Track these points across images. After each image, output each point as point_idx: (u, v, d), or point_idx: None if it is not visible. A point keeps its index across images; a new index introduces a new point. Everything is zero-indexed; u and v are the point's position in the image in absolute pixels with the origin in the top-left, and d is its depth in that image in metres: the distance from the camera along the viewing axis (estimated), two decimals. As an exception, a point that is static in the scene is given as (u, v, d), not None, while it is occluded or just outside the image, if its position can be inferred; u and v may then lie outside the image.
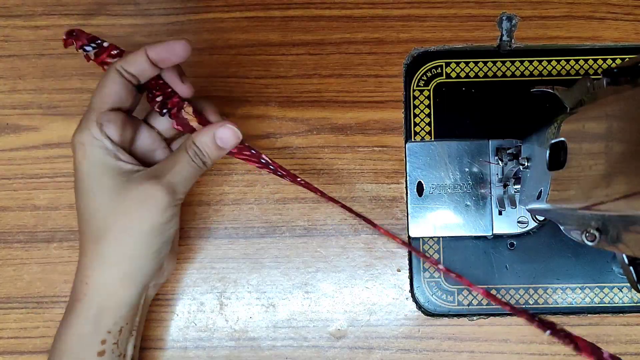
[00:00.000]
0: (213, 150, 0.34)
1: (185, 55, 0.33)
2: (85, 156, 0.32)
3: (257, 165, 0.35)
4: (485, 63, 0.42)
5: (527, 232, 0.41)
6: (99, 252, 0.33)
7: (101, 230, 0.33)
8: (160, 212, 0.32)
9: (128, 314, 0.34)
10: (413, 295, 0.41)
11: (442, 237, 0.41)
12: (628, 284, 0.39)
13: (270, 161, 0.35)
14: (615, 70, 0.27)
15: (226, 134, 0.34)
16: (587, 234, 0.27)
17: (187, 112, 0.34)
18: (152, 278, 0.35)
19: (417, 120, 0.42)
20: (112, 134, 0.33)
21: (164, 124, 0.36)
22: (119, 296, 0.34)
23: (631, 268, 0.27)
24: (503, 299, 0.30)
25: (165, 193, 0.32)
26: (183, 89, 0.35)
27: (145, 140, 0.36)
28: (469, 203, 0.41)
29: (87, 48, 0.34)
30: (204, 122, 0.34)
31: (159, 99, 0.34)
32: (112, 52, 0.34)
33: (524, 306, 0.41)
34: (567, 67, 0.42)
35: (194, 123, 0.34)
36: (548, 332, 0.29)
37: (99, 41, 0.34)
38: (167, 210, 0.33)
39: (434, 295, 0.41)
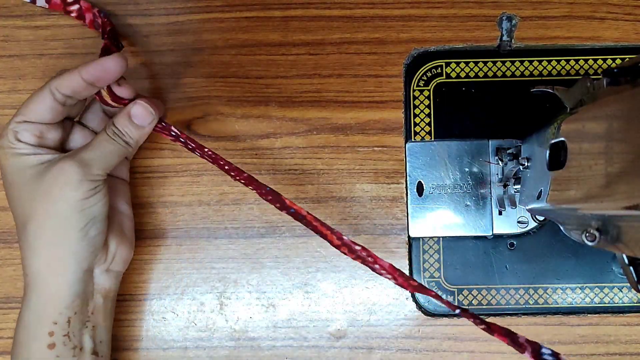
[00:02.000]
0: (132, 129, 0.35)
1: (119, 71, 0.34)
2: (6, 158, 0.34)
3: (171, 139, 0.37)
4: (485, 63, 0.42)
5: (527, 232, 0.41)
6: (27, 240, 0.34)
7: (25, 217, 0.34)
8: (73, 186, 0.33)
9: (73, 304, 0.34)
10: (413, 295, 0.41)
11: (442, 237, 0.41)
12: (628, 284, 0.39)
13: (179, 133, 0.36)
14: (615, 70, 0.27)
15: (139, 111, 0.35)
16: (587, 234, 0.27)
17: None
18: (88, 262, 0.35)
19: (417, 120, 0.42)
20: (27, 139, 0.34)
21: (96, 122, 0.38)
22: (55, 283, 0.34)
23: (631, 268, 0.27)
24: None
25: (76, 167, 0.33)
26: (122, 92, 0.36)
27: (79, 140, 0.37)
28: (469, 203, 0.41)
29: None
30: (117, 99, 0.36)
31: None
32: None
33: (524, 306, 0.41)
34: (567, 67, 0.42)
35: (107, 99, 0.35)
36: (458, 311, 0.30)
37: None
38: (81, 185, 0.33)
39: (434, 295, 0.41)
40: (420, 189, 0.41)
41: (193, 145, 0.36)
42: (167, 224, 0.42)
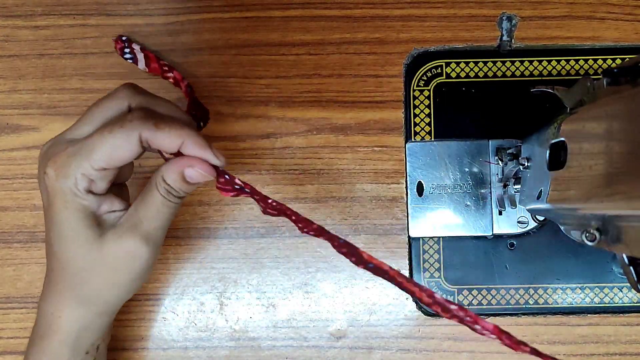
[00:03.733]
0: (184, 186, 0.31)
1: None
2: (65, 205, 0.30)
3: (233, 194, 0.32)
4: (485, 63, 0.42)
5: (527, 232, 0.41)
6: (77, 296, 0.32)
7: (79, 278, 0.32)
8: (142, 265, 0.32)
9: (104, 333, 0.35)
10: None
11: (442, 237, 0.41)
12: (628, 284, 0.39)
13: (242, 185, 0.31)
14: (615, 70, 0.27)
15: (193, 174, 0.30)
16: (587, 234, 0.27)
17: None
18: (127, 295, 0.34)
19: (417, 120, 0.42)
20: (99, 189, 0.30)
21: None
22: (97, 324, 0.34)
23: (631, 268, 0.27)
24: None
25: (146, 248, 0.31)
26: (211, 159, 0.30)
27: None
28: (469, 203, 0.41)
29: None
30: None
31: None
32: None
33: (524, 306, 0.41)
34: (567, 67, 0.42)
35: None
36: (370, 265, 0.30)
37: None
38: (149, 261, 0.32)
39: (434, 295, 0.41)
40: (420, 189, 0.41)
41: (257, 197, 0.32)
42: (167, 224, 0.42)
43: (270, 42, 0.43)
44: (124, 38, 0.42)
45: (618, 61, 0.42)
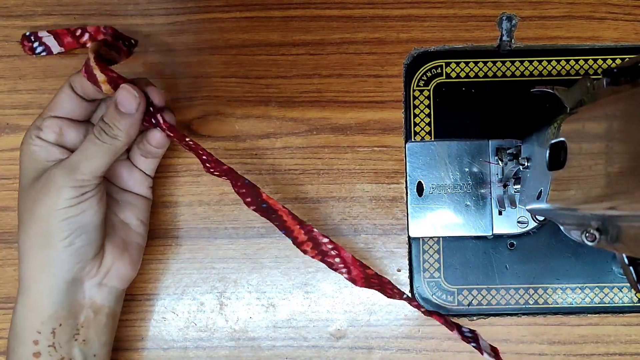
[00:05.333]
0: (119, 119, 0.33)
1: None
2: (22, 153, 0.34)
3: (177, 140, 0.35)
4: (485, 63, 0.42)
5: (527, 232, 0.41)
6: (19, 243, 0.33)
7: (20, 219, 0.34)
8: (57, 193, 0.32)
9: (57, 315, 0.33)
10: (413, 295, 0.41)
11: (442, 237, 0.41)
12: (628, 284, 0.39)
13: (161, 121, 0.35)
14: (615, 70, 0.27)
15: (123, 97, 0.33)
16: (587, 234, 0.27)
17: (92, 59, 0.33)
18: (73, 273, 0.33)
19: (417, 120, 0.42)
20: (47, 136, 0.34)
21: None
22: (37, 291, 0.33)
23: (631, 268, 0.27)
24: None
25: (61, 172, 0.32)
26: (156, 98, 0.35)
27: None
28: (469, 203, 0.41)
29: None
30: (110, 77, 0.33)
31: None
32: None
33: (524, 306, 0.41)
34: (567, 67, 0.42)
35: (97, 72, 0.33)
36: (264, 205, 0.33)
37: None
38: (64, 192, 0.32)
39: (434, 295, 0.41)
40: (420, 189, 0.41)
41: (173, 135, 0.35)
42: (167, 224, 0.42)
43: (270, 42, 0.43)
44: (28, 34, 0.42)
45: (618, 61, 0.42)
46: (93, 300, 0.35)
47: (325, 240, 0.33)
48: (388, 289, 0.34)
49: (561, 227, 0.32)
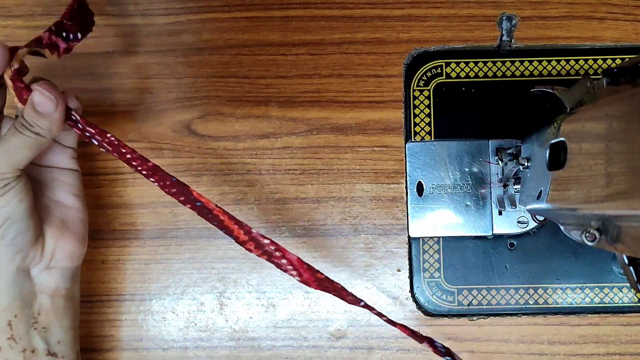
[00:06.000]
0: (40, 119, 0.32)
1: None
2: None
3: (77, 131, 0.34)
4: (485, 63, 0.42)
5: (527, 232, 0.41)
6: None
7: None
8: None
9: (11, 306, 0.33)
10: (413, 295, 0.41)
11: (442, 237, 0.41)
12: (628, 284, 0.39)
13: (78, 118, 0.33)
14: (615, 70, 0.27)
15: (39, 99, 0.32)
16: (587, 234, 0.27)
17: (7, 74, 0.32)
18: (15, 264, 0.33)
19: (417, 120, 0.42)
20: None
21: None
22: None
23: (631, 268, 0.27)
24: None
25: None
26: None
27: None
28: (469, 203, 0.41)
29: None
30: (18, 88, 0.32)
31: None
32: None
33: (524, 306, 0.41)
34: (567, 67, 0.42)
35: (7, 81, 0.32)
36: (198, 203, 0.32)
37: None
38: None
39: (434, 295, 0.41)
40: (420, 189, 0.41)
41: (93, 131, 0.33)
42: (167, 224, 0.42)
43: (270, 42, 0.43)
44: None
45: (618, 61, 0.42)
46: (45, 286, 0.35)
47: (267, 241, 0.32)
48: (344, 295, 0.33)
49: (561, 227, 0.32)
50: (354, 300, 0.34)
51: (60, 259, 0.35)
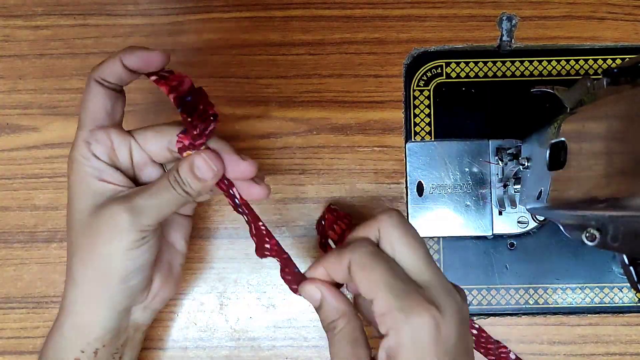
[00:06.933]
0: (192, 179, 0.31)
1: (161, 65, 0.31)
2: (72, 173, 0.32)
3: (231, 204, 0.33)
4: (485, 63, 0.42)
5: (527, 232, 0.41)
6: (70, 271, 0.33)
7: (73, 249, 0.32)
8: (121, 235, 0.31)
9: (105, 337, 0.33)
10: (413, 295, 0.41)
11: (442, 237, 0.41)
12: (628, 284, 0.39)
13: (237, 196, 0.33)
14: (615, 70, 0.27)
15: (200, 164, 0.31)
16: (587, 234, 0.27)
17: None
18: (124, 305, 0.33)
19: (417, 120, 0.42)
20: (100, 153, 0.32)
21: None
22: (88, 317, 0.33)
23: (631, 268, 0.27)
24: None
25: (127, 215, 0.30)
26: (245, 168, 0.33)
27: (152, 174, 0.34)
28: (469, 203, 0.41)
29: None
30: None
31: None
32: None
33: (524, 306, 0.41)
34: (567, 67, 0.42)
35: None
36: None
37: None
38: (129, 234, 0.31)
39: (434, 295, 0.41)
40: (420, 189, 0.41)
41: (247, 211, 0.33)
42: (167, 224, 0.42)
43: (270, 42, 0.43)
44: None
45: (618, 61, 0.42)
46: (137, 322, 0.36)
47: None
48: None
49: (561, 227, 0.32)
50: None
51: (157, 302, 0.36)
